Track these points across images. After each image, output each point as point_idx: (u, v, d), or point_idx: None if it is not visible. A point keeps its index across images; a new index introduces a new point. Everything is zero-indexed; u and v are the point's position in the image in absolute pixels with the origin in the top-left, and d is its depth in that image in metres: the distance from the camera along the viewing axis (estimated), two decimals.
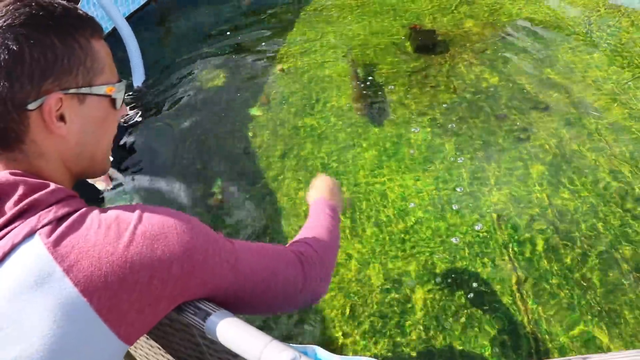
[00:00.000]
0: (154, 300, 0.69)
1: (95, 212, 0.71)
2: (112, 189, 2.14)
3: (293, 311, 1.67)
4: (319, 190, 1.33)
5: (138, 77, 2.88)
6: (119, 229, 0.68)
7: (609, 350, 1.59)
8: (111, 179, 1.29)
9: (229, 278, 0.79)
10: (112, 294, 0.65)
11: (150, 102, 2.77)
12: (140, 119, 2.63)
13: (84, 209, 0.70)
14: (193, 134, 2.53)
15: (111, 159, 0.92)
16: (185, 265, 0.71)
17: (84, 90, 0.76)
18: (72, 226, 0.67)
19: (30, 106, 0.71)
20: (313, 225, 1.17)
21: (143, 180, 2.32)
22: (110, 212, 0.71)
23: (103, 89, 0.78)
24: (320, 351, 0.72)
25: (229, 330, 0.73)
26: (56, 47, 0.71)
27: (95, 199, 2.13)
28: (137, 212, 0.71)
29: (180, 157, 2.41)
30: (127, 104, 2.69)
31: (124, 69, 2.85)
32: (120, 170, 2.35)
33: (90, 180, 1.24)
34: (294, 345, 0.71)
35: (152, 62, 3.02)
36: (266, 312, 0.97)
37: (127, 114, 0.88)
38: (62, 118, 0.74)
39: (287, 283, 0.91)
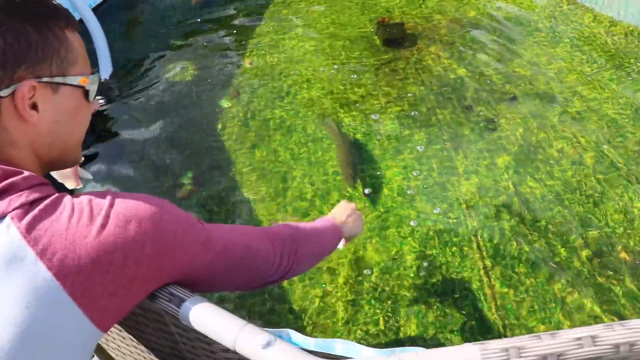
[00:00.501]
0: (127, 281, 0.69)
1: (68, 197, 0.70)
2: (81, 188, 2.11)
3: (268, 287, 1.70)
4: (334, 212, 1.39)
5: (105, 70, 2.83)
6: (92, 213, 0.68)
7: None
8: (81, 179, 1.28)
9: (201, 256, 0.80)
10: (85, 277, 0.64)
11: (117, 95, 2.73)
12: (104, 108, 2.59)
13: (55, 195, 0.70)
14: (162, 127, 2.50)
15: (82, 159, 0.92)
16: (158, 245, 0.71)
17: (57, 79, 0.75)
18: (45, 210, 0.66)
19: (2, 93, 0.70)
20: (302, 223, 1.21)
21: (111, 175, 2.29)
22: (82, 197, 0.71)
23: (77, 80, 0.78)
24: (295, 335, 0.73)
25: (204, 315, 0.73)
26: (30, 35, 0.71)
27: None
28: (109, 196, 0.72)
29: (148, 150, 2.39)
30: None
31: (90, 62, 2.79)
32: (87, 164, 2.31)
33: (59, 179, 1.22)
34: (269, 329, 0.72)
35: (119, 54, 2.97)
36: (241, 287, 1.00)
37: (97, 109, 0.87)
38: (34, 107, 0.74)
39: (258, 257, 0.94)
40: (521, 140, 2.30)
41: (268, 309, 1.75)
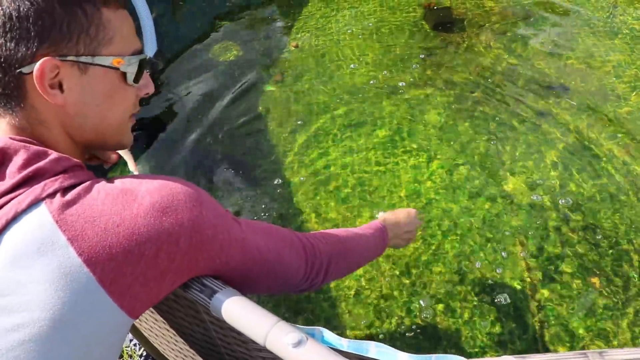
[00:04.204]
0: (159, 274, 0.67)
1: (102, 182, 0.69)
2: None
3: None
4: (389, 214, 1.37)
5: (150, 48, 2.85)
6: (126, 200, 0.66)
7: (617, 341, 1.58)
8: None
9: (236, 257, 0.78)
10: (115, 266, 0.63)
11: (160, 73, 2.75)
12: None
13: (90, 181, 0.69)
14: (204, 108, 2.51)
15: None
16: (194, 239, 0.69)
17: (84, 59, 0.72)
18: (79, 195, 0.65)
19: (25, 69, 0.69)
20: (348, 230, 1.17)
21: (152, 153, 2.31)
22: (117, 182, 0.69)
23: (109, 60, 0.75)
24: (327, 334, 0.71)
25: (235, 309, 0.72)
26: (56, 12, 0.69)
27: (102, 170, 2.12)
28: (146, 183, 0.69)
29: (190, 130, 2.40)
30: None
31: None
32: None
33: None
34: (301, 326, 0.70)
35: (164, 33, 2.99)
36: (265, 292, 0.97)
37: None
38: (60, 86, 0.72)
39: (290, 268, 0.91)
40: (571, 137, 2.21)
41: (296, 298, 1.74)
